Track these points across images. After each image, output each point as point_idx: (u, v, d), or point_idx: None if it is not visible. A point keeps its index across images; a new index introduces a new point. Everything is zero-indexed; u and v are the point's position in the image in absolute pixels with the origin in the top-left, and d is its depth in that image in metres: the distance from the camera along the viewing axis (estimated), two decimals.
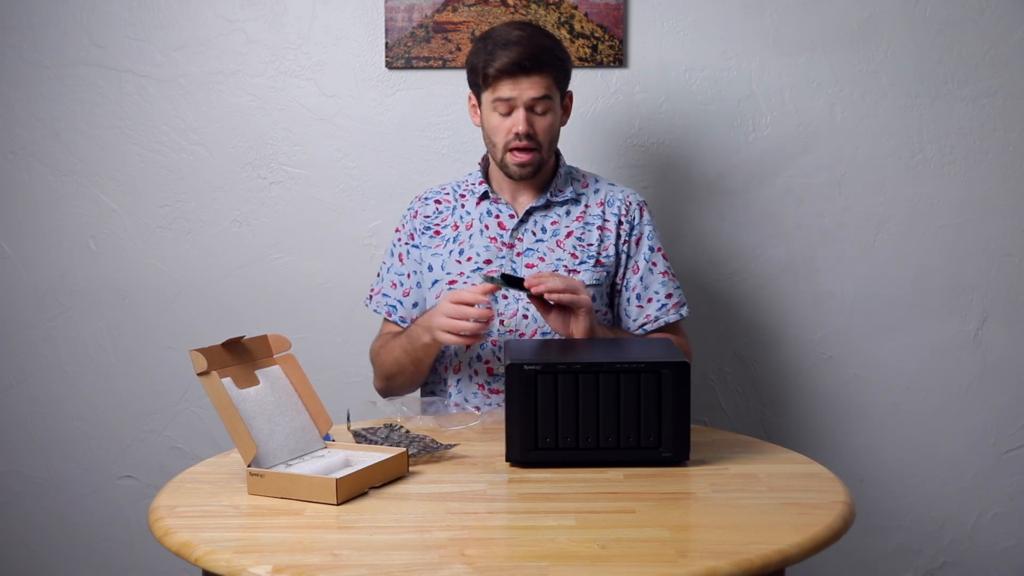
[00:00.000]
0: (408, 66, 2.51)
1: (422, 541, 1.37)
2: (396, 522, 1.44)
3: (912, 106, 2.52)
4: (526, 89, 2.03)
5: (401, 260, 2.18)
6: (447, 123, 2.54)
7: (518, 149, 2.06)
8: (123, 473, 2.63)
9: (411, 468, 1.66)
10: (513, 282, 1.91)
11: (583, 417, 1.64)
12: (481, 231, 2.13)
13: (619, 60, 2.50)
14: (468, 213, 2.15)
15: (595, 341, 1.90)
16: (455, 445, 1.77)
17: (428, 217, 2.18)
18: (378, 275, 2.22)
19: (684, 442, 1.65)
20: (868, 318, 2.56)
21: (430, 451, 1.71)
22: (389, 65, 2.51)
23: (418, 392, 2.20)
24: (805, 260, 2.56)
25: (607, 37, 2.49)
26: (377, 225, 2.55)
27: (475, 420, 1.90)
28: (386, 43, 2.51)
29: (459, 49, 2.49)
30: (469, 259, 2.12)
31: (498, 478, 1.63)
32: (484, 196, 2.15)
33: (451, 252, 2.13)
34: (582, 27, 2.48)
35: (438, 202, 2.19)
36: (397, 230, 2.22)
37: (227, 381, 1.59)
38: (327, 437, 1.70)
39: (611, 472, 1.63)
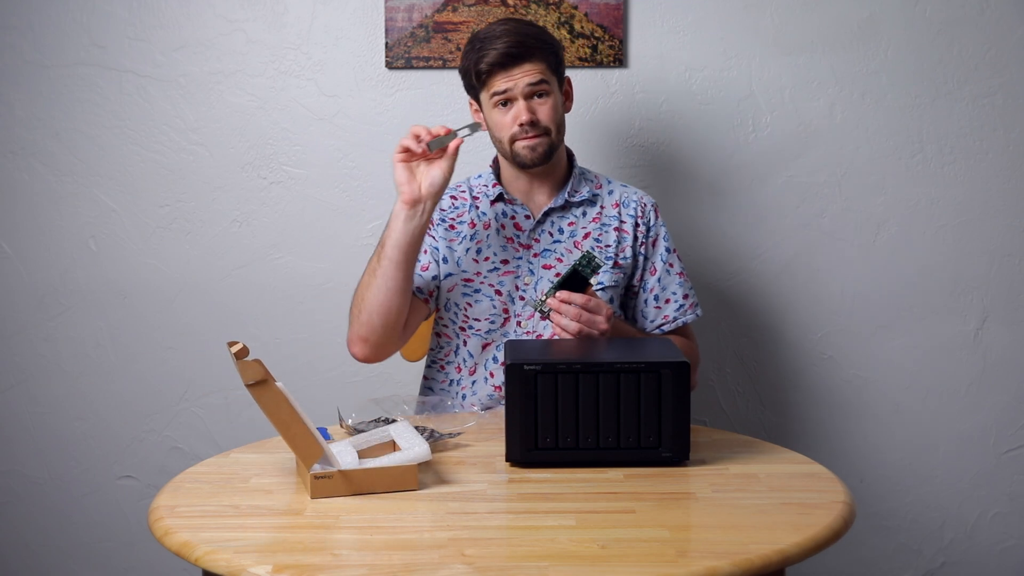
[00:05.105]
0: (408, 66, 2.51)
1: (422, 541, 1.37)
2: (396, 522, 1.44)
3: (912, 106, 2.52)
4: (520, 77, 2.01)
5: None
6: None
7: (525, 137, 2.04)
8: (123, 473, 2.63)
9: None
10: (580, 275, 1.91)
11: (583, 417, 1.64)
12: (498, 231, 2.12)
13: (619, 60, 2.50)
14: (484, 214, 2.13)
15: (595, 341, 1.90)
16: (459, 433, 1.78)
17: (444, 210, 2.15)
18: None
19: (684, 442, 1.65)
20: (868, 318, 2.56)
21: (436, 439, 1.73)
22: (389, 65, 2.51)
23: (417, 392, 2.20)
24: (805, 260, 2.56)
25: (607, 37, 2.49)
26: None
27: (473, 420, 1.90)
28: (386, 43, 2.51)
29: (459, 49, 2.49)
30: (487, 259, 2.10)
31: (498, 478, 1.62)
32: (498, 198, 2.13)
33: (468, 250, 2.11)
34: (582, 27, 2.48)
35: (453, 197, 2.16)
36: None
37: (281, 384, 1.54)
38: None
39: (611, 472, 1.63)
